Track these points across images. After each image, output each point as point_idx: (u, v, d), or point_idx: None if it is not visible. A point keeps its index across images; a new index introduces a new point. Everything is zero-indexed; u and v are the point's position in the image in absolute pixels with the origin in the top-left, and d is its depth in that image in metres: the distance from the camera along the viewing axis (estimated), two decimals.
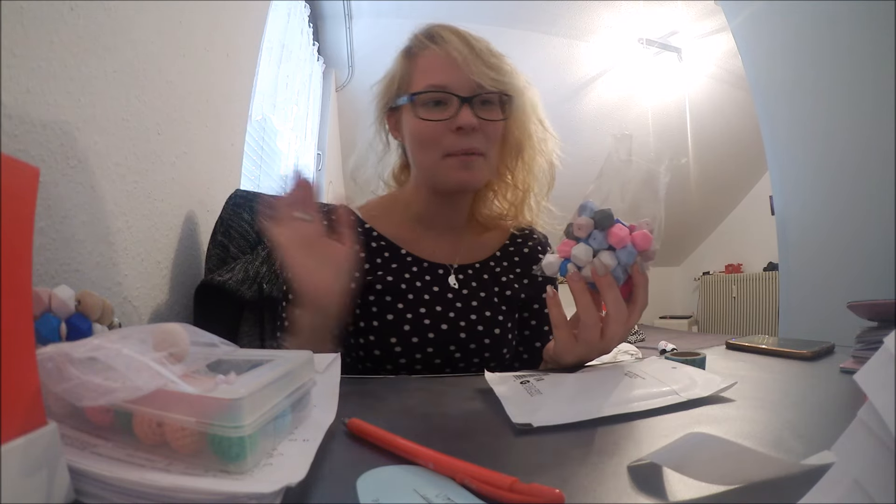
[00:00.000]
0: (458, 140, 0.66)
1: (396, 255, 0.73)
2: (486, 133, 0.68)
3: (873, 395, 0.20)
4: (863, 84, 1.22)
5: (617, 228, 0.49)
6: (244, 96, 1.38)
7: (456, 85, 0.66)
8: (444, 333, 0.70)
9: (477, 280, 0.76)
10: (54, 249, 0.58)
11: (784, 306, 1.52)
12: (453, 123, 0.65)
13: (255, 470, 0.25)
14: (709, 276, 5.52)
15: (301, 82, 2.23)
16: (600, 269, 0.49)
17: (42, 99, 0.56)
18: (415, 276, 0.72)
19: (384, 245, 0.73)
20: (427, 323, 0.70)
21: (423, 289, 0.72)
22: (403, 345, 0.68)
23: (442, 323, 0.70)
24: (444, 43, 0.67)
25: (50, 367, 0.25)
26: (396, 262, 0.73)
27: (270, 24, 1.64)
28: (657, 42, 3.38)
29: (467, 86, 0.66)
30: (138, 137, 0.77)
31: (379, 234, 0.74)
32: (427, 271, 0.74)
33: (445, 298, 0.72)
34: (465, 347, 0.72)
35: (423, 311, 0.70)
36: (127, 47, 0.73)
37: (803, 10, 1.36)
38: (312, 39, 2.60)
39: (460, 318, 0.72)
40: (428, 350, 0.69)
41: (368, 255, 0.72)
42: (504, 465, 0.29)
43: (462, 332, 0.71)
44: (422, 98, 0.67)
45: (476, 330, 0.72)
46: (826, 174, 1.36)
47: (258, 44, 1.50)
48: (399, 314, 0.69)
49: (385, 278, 0.70)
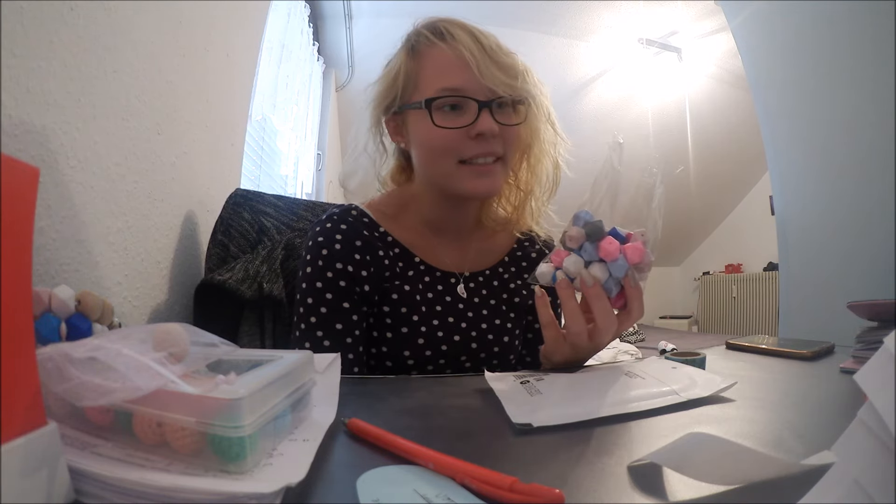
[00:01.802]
0: (477, 146, 0.63)
1: (410, 262, 0.72)
2: (505, 137, 0.64)
3: (873, 395, 0.20)
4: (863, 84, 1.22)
5: (607, 242, 0.48)
6: (244, 96, 1.38)
7: (472, 87, 0.62)
8: (456, 344, 0.70)
9: (486, 288, 0.75)
10: (54, 249, 0.58)
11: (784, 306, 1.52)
12: (472, 130, 0.62)
13: (255, 470, 0.25)
14: (709, 276, 5.52)
15: (301, 82, 2.23)
16: (588, 280, 0.49)
17: (42, 99, 0.56)
18: (427, 287, 0.71)
19: (399, 252, 0.71)
20: (440, 335, 0.69)
21: (436, 299, 0.71)
22: (416, 357, 0.68)
23: (454, 334, 0.70)
24: (453, 41, 0.63)
25: (50, 367, 0.25)
26: (412, 271, 0.71)
27: (270, 24, 1.64)
28: (657, 42, 3.38)
29: (483, 88, 0.62)
30: (138, 137, 0.77)
31: (394, 240, 0.72)
32: (439, 280, 0.72)
33: (457, 309, 0.71)
34: (476, 356, 0.71)
35: (437, 324, 0.69)
36: (127, 47, 0.73)
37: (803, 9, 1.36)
38: (312, 39, 2.60)
39: (471, 329, 0.71)
40: (440, 361, 0.69)
41: (386, 262, 0.69)
42: (504, 465, 0.29)
43: (473, 342, 0.71)
44: (438, 103, 0.63)
45: (486, 339, 0.72)
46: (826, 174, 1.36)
47: (258, 44, 1.50)
48: (413, 327, 0.68)
49: (402, 287, 0.69)
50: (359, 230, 0.69)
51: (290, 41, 1.95)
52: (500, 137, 0.64)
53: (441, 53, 0.64)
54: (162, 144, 0.85)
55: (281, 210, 1.03)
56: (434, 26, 0.66)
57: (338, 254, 0.66)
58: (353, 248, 0.67)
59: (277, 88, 1.77)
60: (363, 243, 0.68)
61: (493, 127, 0.62)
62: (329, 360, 0.42)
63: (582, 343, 0.52)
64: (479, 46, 0.62)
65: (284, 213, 1.03)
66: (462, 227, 0.75)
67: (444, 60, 0.63)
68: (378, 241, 0.70)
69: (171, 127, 0.89)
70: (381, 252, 0.69)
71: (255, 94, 1.51)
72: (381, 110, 0.70)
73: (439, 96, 0.62)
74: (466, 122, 0.62)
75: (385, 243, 0.71)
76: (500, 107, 0.64)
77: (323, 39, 2.94)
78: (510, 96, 0.63)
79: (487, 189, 0.65)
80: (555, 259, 0.52)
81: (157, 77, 0.83)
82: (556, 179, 0.75)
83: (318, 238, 0.67)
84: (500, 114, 0.64)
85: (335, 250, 0.66)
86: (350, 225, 0.69)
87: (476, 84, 0.62)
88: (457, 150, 0.63)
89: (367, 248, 0.68)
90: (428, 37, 0.65)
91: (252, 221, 0.99)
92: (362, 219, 0.71)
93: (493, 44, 0.64)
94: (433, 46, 0.64)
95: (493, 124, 0.62)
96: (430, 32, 0.65)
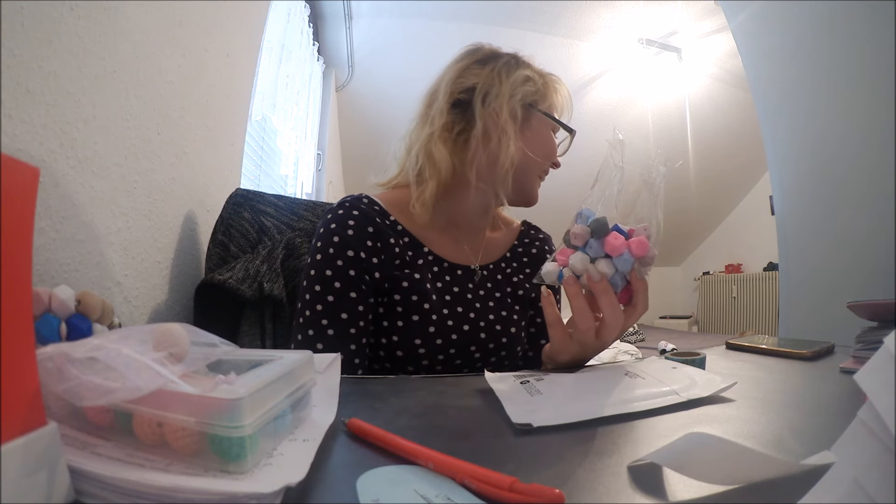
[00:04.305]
0: (549, 167, 0.77)
1: (420, 252, 0.73)
2: None
3: (873, 396, 0.20)
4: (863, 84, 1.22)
5: (612, 237, 0.49)
6: (244, 96, 1.38)
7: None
8: (466, 334, 0.70)
9: (492, 280, 0.77)
10: (54, 249, 0.58)
11: (784, 306, 1.52)
12: (558, 151, 0.78)
13: (255, 470, 0.25)
14: (709, 276, 5.52)
15: (301, 82, 2.23)
16: (595, 275, 0.50)
17: (42, 99, 0.56)
18: (436, 276, 0.72)
19: (408, 242, 0.73)
20: (450, 324, 0.70)
21: (445, 289, 0.72)
22: (427, 346, 0.68)
23: (464, 324, 0.71)
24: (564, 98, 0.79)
25: (50, 367, 0.25)
26: (421, 260, 0.72)
27: (270, 24, 1.64)
28: (657, 42, 3.38)
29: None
30: (138, 137, 0.77)
31: (404, 229, 0.73)
32: (447, 271, 0.74)
33: (466, 299, 0.73)
34: (485, 347, 0.72)
35: (447, 312, 0.70)
36: (127, 47, 0.73)
37: (803, 10, 1.36)
38: (312, 39, 2.60)
39: (480, 319, 0.72)
40: (450, 351, 0.70)
41: (397, 250, 0.70)
42: (504, 465, 0.29)
43: (482, 332, 0.72)
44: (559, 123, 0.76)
45: (494, 330, 0.73)
46: (826, 174, 1.36)
47: (258, 44, 1.50)
48: (424, 315, 0.69)
49: (413, 276, 0.69)
50: (371, 217, 0.70)
51: (290, 41, 1.95)
52: None
53: (561, 97, 0.78)
54: (162, 144, 0.85)
55: (281, 210, 1.03)
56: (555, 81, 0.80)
57: (350, 240, 0.67)
58: (365, 235, 0.68)
59: (277, 88, 1.77)
60: (375, 230, 0.69)
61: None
62: (329, 359, 0.42)
63: (589, 340, 0.52)
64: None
65: (284, 213, 1.03)
66: (479, 224, 0.80)
67: (564, 100, 0.79)
68: (389, 230, 0.71)
69: (171, 127, 0.89)
70: (392, 240, 0.70)
71: (255, 94, 1.51)
72: (518, 96, 0.72)
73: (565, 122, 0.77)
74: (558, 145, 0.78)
75: (395, 232, 0.72)
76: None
77: (323, 39, 2.94)
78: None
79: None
80: (560, 258, 0.53)
81: (157, 77, 0.83)
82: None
83: (330, 225, 0.68)
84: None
85: (347, 236, 0.67)
86: (362, 212, 0.70)
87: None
88: (547, 160, 0.76)
89: (379, 234, 0.69)
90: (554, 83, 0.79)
91: (252, 221, 0.99)
92: (373, 207, 0.72)
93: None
94: (557, 91, 0.78)
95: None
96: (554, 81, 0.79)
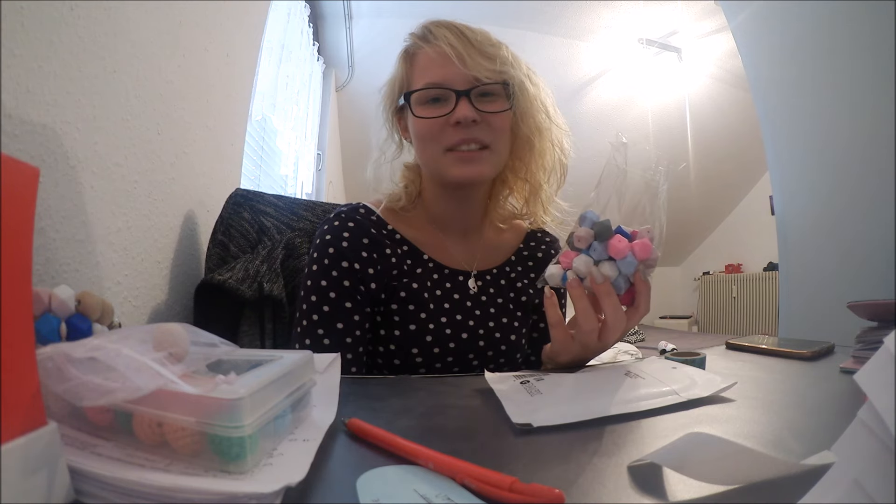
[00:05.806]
0: (457, 134, 0.65)
1: (419, 260, 0.72)
2: (491, 125, 0.66)
3: (873, 396, 0.20)
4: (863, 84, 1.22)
5: (616, 240, 0.49)
6: (244, 96, 1.38)
7: (452, 80, 0.65)
8: (464, 342, 0.70)
9: (494, 286, 0.75)
10: (54, 249, 0.58)
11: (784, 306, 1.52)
12: (452, 118, 0.65)
13: (255, 470, 0.25)
14: (709, 276, 5.52)
15: (301, 82, 2.23)
16: (598, 277, 0.50)
17: (42, 99, 0.56)
18: (436, 284, 0.72)
19: (407, 250, 0.72)
20: (448, 333, 0.69)
21: (444, 297, 0.71)
22: (425, 355, 0.68)
23: (462, 332, 0.70)
24: (435, 40, 0.67)
25: (50, 367, 0.25)
26: (420, 268, 0.72)
27: (270, 24, 1.64)
28: (657, 42, 3.38)
29: (464, 79, 0.65)
30: (138, 137, 0.77)
31: (402, 238, 0.73)
32: (448, 278, 0.73)
33: (465, 307, 0.72)
34: (483, 354, 0.72)
35: (445, 321, 0.70)
36: (127, 47, 0.73)
37: (803, 9, 1.36)
38: (312, 39, 2.60)
39: (479, 327, 0.72)
40: (448, 359, 0.69)
41: (394, 260, 0.70)
42: (504, 465, 0.29)
43: (481, 339, 0.71)
44: (417, 96, 0.67)
45: (494, 337, 0.72)
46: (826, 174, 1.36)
47: (258, 44, 1.50)
48: (422, 324, 0.68)
49: (410, 285, 0.69)
50: (366, 228, 0.70)
51: (290, 41, 1.95)
52: (486, 126, 0.66)
53: (425, 53, 0.68)
54: (162, 144, 0.85)
55: (281, 210, 1.03)
56: (422, 30, 0.70)
57: (345, 251, 0.67)
58: (360, 246, 0.68)
59: (277, 88, 1.77)
60: (370, 241, 0.69)
61: (470, 114, 0.64)
62: (329, 360, 0.42)
63: (592, 342, 0.53)
64: (463, 39, 0.66)
65: (284, 213, 1.03)
66: (468, 222, 0.76)
67: (427, 59, 0.68)
68: (386, 240, 0.71)
69: (171, 127, 0.89)
70: (389, 250, 0.70)
71: (255, 94, 1.51)
72: (390, 111, 0.75)
73: (419, 89, 0.67)
74: (446, 112, 0.65)
75: (393, 241, 0.72)
76: (483, 95, 0.66)
77: (323, 39, 2.94)
78: (492, 80, 0.66)
79: (471, 175, 0.67)
80: (563, 260, 0.53)
81: (157, 77, 0.83)
82: (563, 169, 0.76)
83: (325, 236, 0.69)
84: (483, 102, 0.66)
85: (342, 248, 0.67)
86: (357, 223, 0.70)
87: (457, 76, 0.65)
88: (439, 138, 0.66)
89: (375, 246, 0.69)
90: (416, 41, 0.70)
91: (252, 221, 0.99)
92: (370, 217, 0.72)
93: (480, 36, 0.68)
94: (420, 48, 0.69)
95: (471, 111, 0.64)
96: (418, 37, 0.70)
